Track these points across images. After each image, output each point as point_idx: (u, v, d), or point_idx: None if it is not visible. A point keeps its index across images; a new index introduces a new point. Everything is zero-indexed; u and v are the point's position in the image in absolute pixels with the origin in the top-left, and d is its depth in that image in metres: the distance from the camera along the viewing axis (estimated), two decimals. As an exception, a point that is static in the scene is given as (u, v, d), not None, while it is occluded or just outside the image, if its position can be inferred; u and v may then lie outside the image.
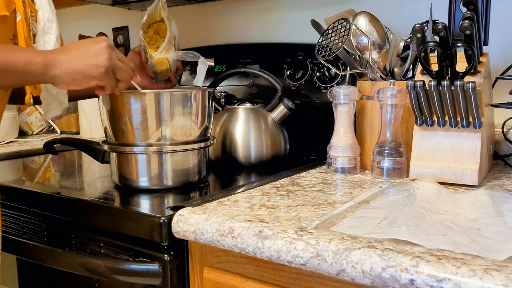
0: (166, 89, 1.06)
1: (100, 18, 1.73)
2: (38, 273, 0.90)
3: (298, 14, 1.30)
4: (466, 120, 0.79)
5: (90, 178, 0.99)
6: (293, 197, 0.74)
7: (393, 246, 0.51)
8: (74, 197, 0.80)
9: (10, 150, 1.33)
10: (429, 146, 0.83)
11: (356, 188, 0.79)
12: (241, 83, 1.24)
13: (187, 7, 1.51)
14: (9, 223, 0.91)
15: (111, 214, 0.73)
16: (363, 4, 1.17)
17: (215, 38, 1.46)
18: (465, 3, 0.73)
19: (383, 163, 0.86)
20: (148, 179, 0.82)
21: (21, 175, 1.04)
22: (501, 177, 0.86)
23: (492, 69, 0.97)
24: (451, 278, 0.45)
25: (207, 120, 0.87)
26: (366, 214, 0.63)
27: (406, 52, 0.94)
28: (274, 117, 1.03)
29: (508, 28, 1.02)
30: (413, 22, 0.81)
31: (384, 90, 0.86)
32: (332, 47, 0.89)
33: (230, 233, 0.60)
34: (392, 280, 0.48)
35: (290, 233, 0.57)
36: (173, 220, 0.66)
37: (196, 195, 0.80)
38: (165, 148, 0.81)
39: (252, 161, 1.00)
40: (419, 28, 0.73)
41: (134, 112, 0.79)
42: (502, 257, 0.48)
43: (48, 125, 1.72)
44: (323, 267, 0.53)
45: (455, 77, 0.76)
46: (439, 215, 0.62)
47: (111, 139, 0.84)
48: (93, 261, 0.73)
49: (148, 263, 0.69)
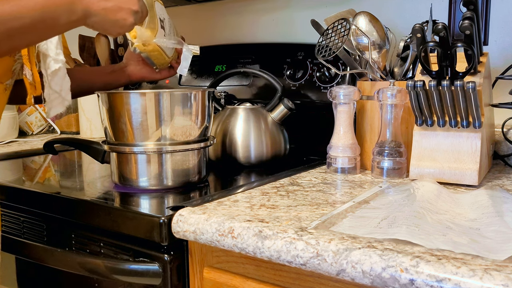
0: (169, 77, 1.06)
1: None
2: (37, 273, 0.90)
3: (298, 14, 1.30)
4: (466, 120, 0.79)
5: (90, 178, 0.99)
6: (293, 197, 0.74)
7: (393, 246, 0.51)
8: (74, 197, 0.79)
9: (10, 150, 1.33)
10: (429, 146, 0.83)
11: (356, 188, 0.79)
12: (241, 83, 1.24)
13: (187, 7, 1.51)
14: (9, 223, 0.91)
15: (111, 214, 0.73)
16: (363, 4, 1.17)
17: (215, 38, 1.46)
18: (465, 3, 0.73)
19: (383, 163, 0.86)
20: (148, 179, 0.82)
21: (21, 175, 1.04)
22: (501, 177, 0.86)
23: (492, 69, 0.97)
24: (451, 278, 0.45)
25: (207, 120, 0.87)
26: (366, 214, 0.63)
27: (406, 52, 0.94)
28: (274, 117, 1.03)
29: (508, 28, 1.02)
30: (413, 22, 0.81)
31: (384, 90, 0.86)
32: (332, 47, 0.89)
33: (230, 233, 0.60)
34: (392, 280, 0.48)
35: (290, 233, 0.57)
36: (173, 220, 0.66)
37: (196, 195, 0.80)
38: (165, 148, 0.81)
39: (252, 161, 1.00)
40: (419, 28, 0.73)
41: (134, 112, 0.79)
42: (502, 257, 0.48)
43: (48, 125, 1.72)
44: (323, 267, 0.53)
45: (455, 77, 0.76)
46: (439, 215, 0.62)
47: (111, 139, 0.84)
48: (93, 261, 0.73)
49: (148, 263, 0.69)
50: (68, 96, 0.82)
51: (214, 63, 1.32)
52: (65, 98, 0.82)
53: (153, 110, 0.80)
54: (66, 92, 0.82)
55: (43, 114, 1.69)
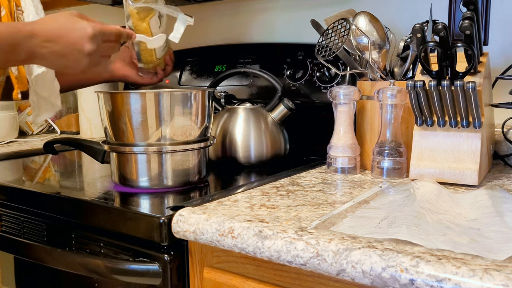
0: (152, 84, 1.06)
1: (100, 18, 1.72)
2: (37, 273, 0.90)
3: (298, 14, 1.30)
4: (466, 120, 0.79)
5: (90, 178, 0.99)
6: (293, 197, 0.74)
7: (393, 246, 0.51)
8: (74, 197, 0.79)
9: (10, 150, 1.33)
10: (429, 146, 0.83)
11: (356, 188, 0.79)
12: (241, 83, 1.24)
13: (187, 7, 1.51)
14: (9, 223, 0.91)
15: (111, 214, 0.73)
16: (363, 4, 1.17)
17: (215, 38, 1.46)
18: (465, 3, 0.73)
19: (383, 163, 0.86)
20: (148, 179, 0.82)
21: (21, 175, 1.04)
22: (501, 177, 0.86)
23: (492, 69, 0.97)
24: (451, 278, 0.45)
25: (207, 120, 0.87)
26: (366, 214, 0.63)
27: (406, 52, 0.94)
28: (274, 117, 1.03)
29: (508, 28, 1.02)
30: (413, 22, 0.81)
31: (384, 90, 0.86)
32: (332, 47, 0.89)
33: (230, 233, 0.60)
34: (392, 280, 0.48)
35: (290, 233, 0.57)
36: (173, 220, 0.66)
37: (196, 195, 0.80)
38: (165, 148, 0.81)
39: (252, 161, 1.00)
40: (419, 28, 0.73)
41: (134, 112, 0.79)
42: (502, 257, 0.48)
43: (48, 125, 1.72)
44: (323, 267, 0.53)
45: (455, 77, 0.76)
46: (439, 215, 0.62)
47: (111, 139, 0.84)
48: (93, 261, 0.73)
49: (148, 263, 0.69)
50: (58, 102, 0.78)
51: (214, 63, 1.32)
52: (54, 103, 0.78)
53: (153, 110, 0.80)
54: (55, 97, 0.77)
55: (43, 114, 1.69)
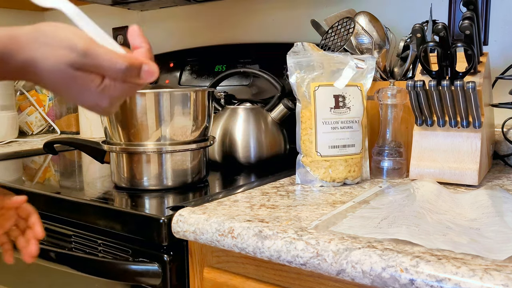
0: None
1: (100, 18, 1.73)
2: (36, 273, 0.90)
3: (298, 14, 1.30)
4: (466, 120, 0.79)
5: (90, 178, 0.99)
6: (293, 197, 0.74)
7: (393, 246, 0.51)
8: (74, 197, 0.79)
9: (10, 150, 1.33)
10: (429, 146, 0.83)
11: (356, 188, 0.79)
12: (241, 83, 1.24)
13: (187, 7, 1.51)
14: (9, 223, 0.91)
15: (111, 214, 0.73)
16: (363, 4, 1.17)
17: (215, 38, 1.46)
18: (465, 3, 0.73)
19: (383, 163, 0.86)
20: (148, 179, 0.82)
21: (21, 175, 1.04)
22: (501, 177, 0.86)
23: (492, 69, 0.97)
24: (451, 278, 0.45)
25: (207, 120, 0.87)
26: (366, 214, 0.63)
27: (406, 52, 0.94)
28: (274, 117, 1.03)
29: (508, 28, 1.02)
30: (413, 22, 0.81)
31: (384, 90, 0.86)
32: (332, 47, 0.89)
33: (230, 233, 0.60)
34: (392, 280, 0.48)
35: (290, 233, 0.57)
36: (173, 220, 0.66)
37: (196, 195, 0.80)
38: (165, 148, 0.81)
39: (252, 161, 1.00)
40: (419, 28, 0.73)
41: (134, 112, 0.79)
42: (502, 257, 0.48)
43: (48, 125, 1.72)
44: (323, 267, 0.53)
45: (455, 77, 0.76)
46: (439, 215, 0.62)
47: (111, 139, 0.84)
48: (92, 261, 0.73)
49: (147, 263, 0.69)
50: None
51: (214, 63, 1.32)
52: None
53: (153, 110, 0.80)
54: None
55: (43, 114, 1.69)
